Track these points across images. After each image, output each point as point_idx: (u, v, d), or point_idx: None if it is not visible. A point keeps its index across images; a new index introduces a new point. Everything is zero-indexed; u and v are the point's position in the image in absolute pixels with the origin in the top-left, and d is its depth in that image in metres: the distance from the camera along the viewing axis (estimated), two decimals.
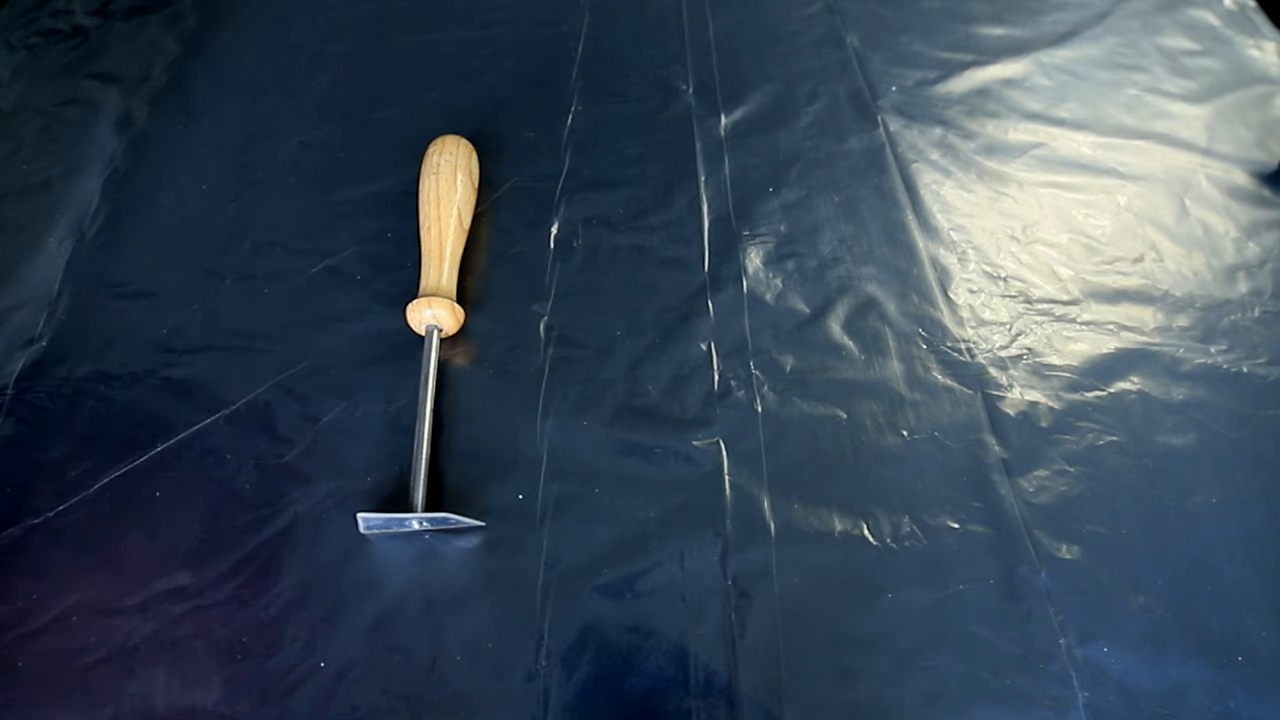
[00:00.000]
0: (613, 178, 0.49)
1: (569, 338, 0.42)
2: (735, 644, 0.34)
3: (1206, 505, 0.38)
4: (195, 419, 0.39)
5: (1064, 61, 0.57)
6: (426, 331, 0.40)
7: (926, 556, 0.36)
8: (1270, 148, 0.52)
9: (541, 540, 0.36)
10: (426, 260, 0.42)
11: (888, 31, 0.58)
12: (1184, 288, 0.45)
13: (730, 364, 0.41)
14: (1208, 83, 0.56)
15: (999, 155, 0.51)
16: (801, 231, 0.47)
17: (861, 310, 0.44)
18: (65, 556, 0.35)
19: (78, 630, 0.33)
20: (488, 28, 0.56)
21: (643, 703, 0.32)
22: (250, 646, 0.33)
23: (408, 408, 0.39)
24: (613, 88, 0.53)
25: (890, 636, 0.34)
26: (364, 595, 0.34)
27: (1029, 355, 0.42)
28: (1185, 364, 0.42)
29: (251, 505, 0.36)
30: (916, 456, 0.39)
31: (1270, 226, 0.48)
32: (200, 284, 0.43)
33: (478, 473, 0.38)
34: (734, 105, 0.53)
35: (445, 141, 0.45)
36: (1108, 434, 0.40)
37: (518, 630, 0.34)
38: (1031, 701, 0.33)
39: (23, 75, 0.53)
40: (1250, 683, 0.33)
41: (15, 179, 0.47)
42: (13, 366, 0.40)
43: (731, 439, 0.39)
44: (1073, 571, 0.36)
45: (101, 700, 0.32)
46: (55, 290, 0.43)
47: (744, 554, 0.36)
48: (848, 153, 0.51)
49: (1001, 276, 0.45)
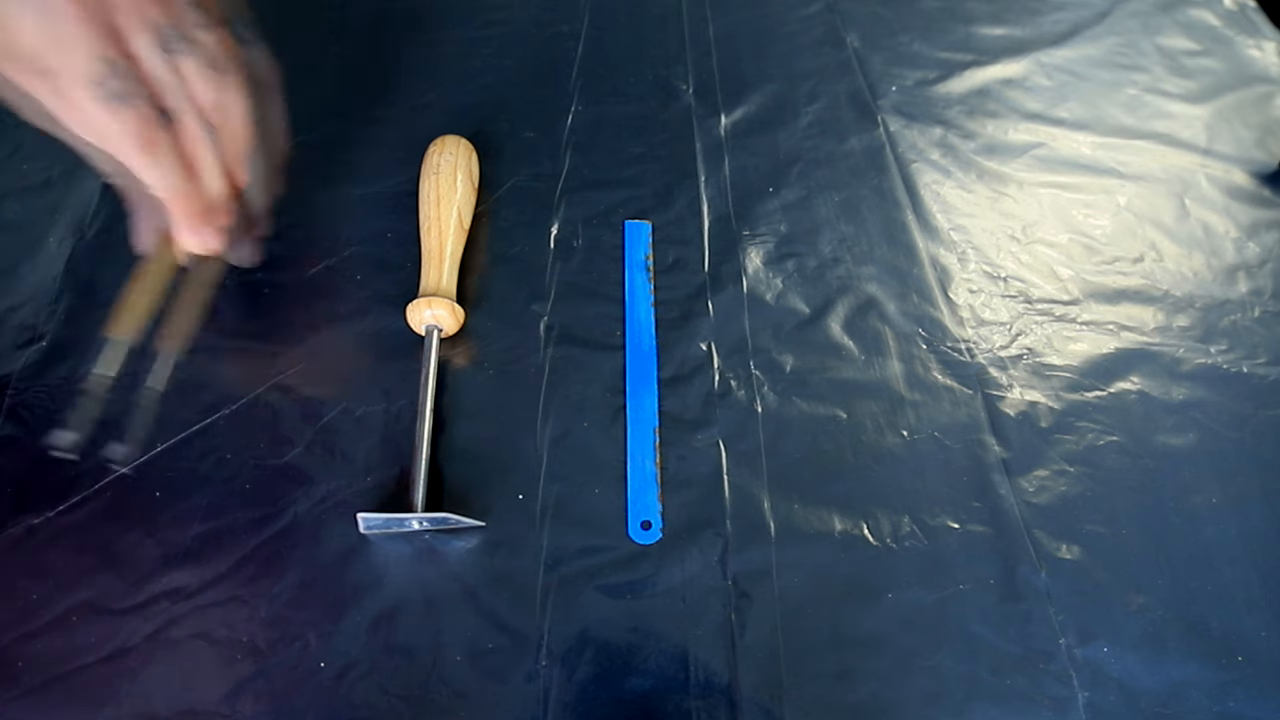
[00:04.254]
0: (613, 178, 0.49)
1: (569, 338, 0.42)
2: (735, 644, 0.34)
3: (1206, 505, 0.38)
4: (195, 419, 0.39)
5: (1064, 61, 0.57)
6: (426, 331, 0.40)
7: (926, 556, 0.36)
8: (1270, 148, 0.52)
9: (541, 540, 0.36)
10: (426, 260, 0.42)
11: (888, 31, 0.58)
12: (1184, 288, 0.45)
13: (730, 364, 0.41)
14: (1208, 83, 0.56)
15: (999, 155, 0.51)
16: (801, 231, 0.47)
17: (861, 310, 0.44)
18: (65, 556, 0.35)
19: (78, 630, 0.33)
20: (488, 28, 0.56)
21: (643, 703, 0.32)
22: (250, 646, 0.33)
23: (408, 408, 0.39)
24: (613, 88, 0.53)
25: (890, 636, 0.34)
26: (364, 595, 0.34)
27: (1029, 355, 0.42)
28: (1185, 364, 0.42)
29: (251, 505, 0.36)
30: (916, 456, 0.39)
31: (1270, 226, 0.48)
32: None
33: (478, 473, 0.38)
34: (734, 105, 0.53)
35: (445, 141, 0.45)
36: (1108, 434, 0.40)
37: (518, 630, 0.34)
38: (1031, 701, 0.33)
39: None
40: (1250, 683, 0.33)
41: (15, 179, 0.47)
42: (13, 366, 0.40)
43: (731, 439, 0.39)
44: (1073, 571, 0.36)
45: (101, 700, 0.32)
46: (55, 290, 0.43)
47: (744, 554, 0.36)
48: (848, 153, 0.51)
49: (1001, 276, 0.45)
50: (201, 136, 0.34)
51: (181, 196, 0.35)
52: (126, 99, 0.32)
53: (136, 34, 0.32)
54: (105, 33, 0.31)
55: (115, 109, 0.31)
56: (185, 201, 0.35)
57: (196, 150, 0.35)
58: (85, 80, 0.31)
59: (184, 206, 0.35)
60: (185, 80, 0.33)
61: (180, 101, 0.33)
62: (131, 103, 0.32)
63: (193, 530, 0.36)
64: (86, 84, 0.31)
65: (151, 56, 0.32)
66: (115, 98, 0.31)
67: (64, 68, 0.30)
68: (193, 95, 0.33)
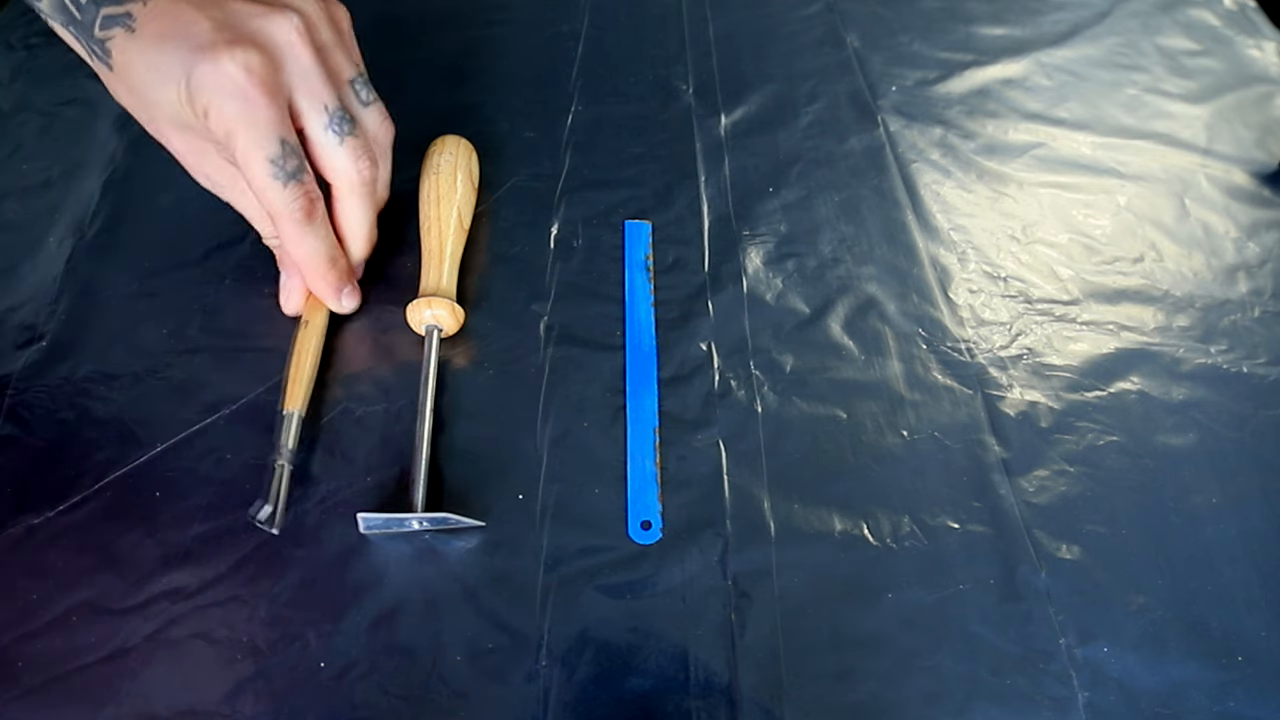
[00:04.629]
0: (613, 178, 0.49)
1: (569, 338, 0.42)
2: (735, 644, 0.34)
3: (1206, 505, 0.38)
4: (195, 419, 0.39)
5: (1064, 61, 0.57)
6: (426, 331, 0.40)
7: (926, 556, 0.36)
8: (1270, 148, 0.52)
9: (541, 540, 0.36)
10: (426, 260, 0.42)
11: (888, 31, 0.58)
12: (1184, 288, 0.45)
13: (730, 364, 0.41)
14: (1208, 83, 0.56)
15: (999, 155, 0.51)
16: (801, 231, 0.47)
17: (861, 310, 0.44)
18: (65, 556, 0.35)
19: (78, 630, 0.33)
20: (488, 28, 0.56)
21: (643, 703, 0.32)
22: (250, 646, 0.33)
23: (408, 408, 0.39)
24: (613, 88, 0.53)
25: (890, 636, 0.34)
26: (364, 595, 0.34)
27: (1029, 355, 0.42)
28: (1185, 364, 0.42)
29: (251, 505, 0.36)
30: (916, 456, 0.39)
31: (1270, 226, 0.48)
32: (200, 284, 0.43)
33: (478, 473, 0.38)
34: (734, 105, 0.53)
35: (445, 141, 0.45)
36: (1108, 434, 0.40)
37: (518, 630, 0.34)
38: (1031, 701, 0.33)
39: (23, 75, 0.53)
40: (1250, 683, 0.33)
41: (15, 179, 0.47)
42: (13, 366, 0.40)
43: (731, 439, 0.39)
44: (1073, 571, 0.36)
45: (101, 700, 0.32)
46: (55, 290, 0.43)
47: (744, 554, 0.36)
48: (848, 153, 0.51)
49: (1001, 276, 0.45)
50: (356, 211, 0.39)
51: (330, 263, 0.39)
52: (296, 175, 0.35)
53: (312, 116, 0.35)
54: (285, 115, 0.34)
55: (285, 184, 0.35)
56: (332, 268, 0.39)
57: (347, 223, 0.39)
58: (264, 159, 0.34)
59: (332, 273, 0.39)
60: (351, 156, 0.37)
61: (339, 177, 0.37)
62: (299, 179, 0.35)
63: (193, 530, 0.36)
64: (264, 162, 0.34)
65: (322, 138, 0.36)
66: (287, 176, 0.35)
67: (249, 146, 0.34)
68: (353, 171, 0.37)
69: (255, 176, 0.34)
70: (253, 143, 0.33)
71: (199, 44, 0.32)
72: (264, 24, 0.34)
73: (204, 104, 0.33)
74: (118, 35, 0.34)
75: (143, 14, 0.33)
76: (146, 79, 0.34)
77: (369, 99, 0.38)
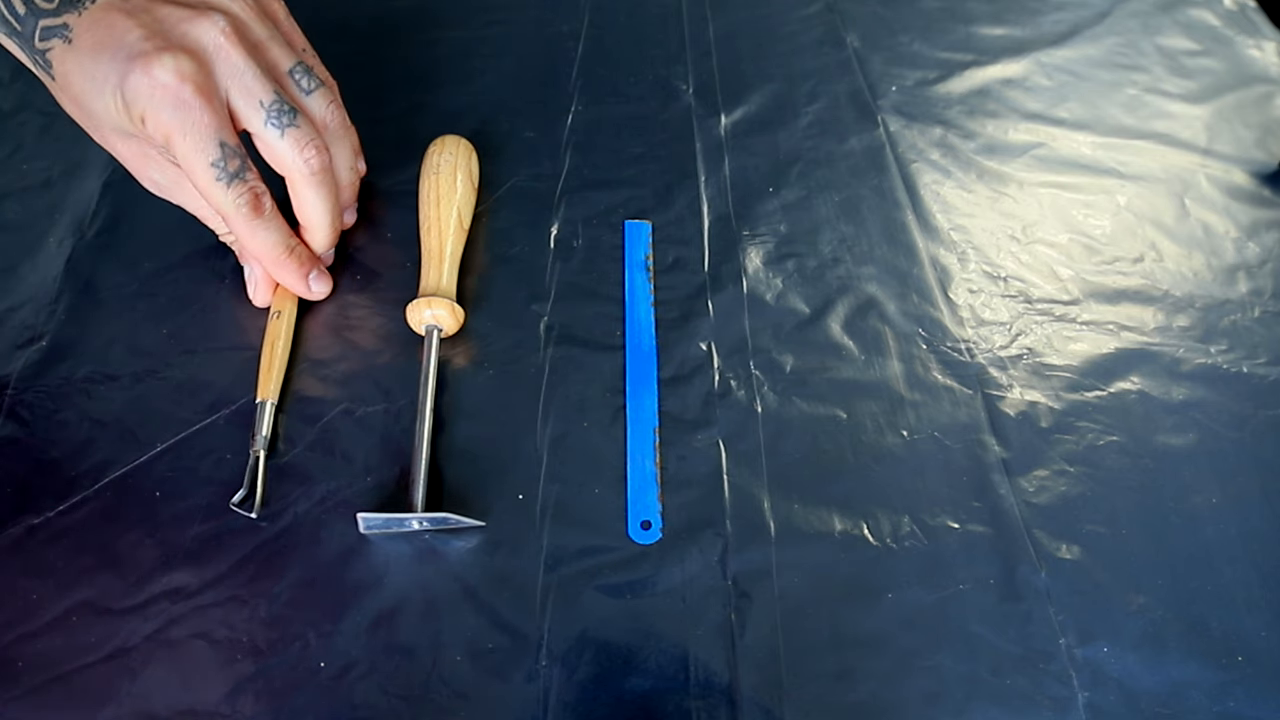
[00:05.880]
0: (613, 178, 0.49)
1: (569, 338, 0.42)
2: (735, 644, 0.34)
3: (1206, 505, 0.38)
4: (195, 419, 0.39)
5: (1064, 61, 0.57)
6: (426, 331, 0.40)
7: (926, 556, 0.36)
8: (1270, 148, 0.52)
9: (541, 540, 0.36)
10: (426, 260, 0.42)
11: (888, 31, 0.58)
12: (1184, 288, 0.45)
13: (730, 364, 0.41)
14: (1208, 83, 0.56)
15: (999, 155, 0.51)
16: (801, 231, 0.47)
17: (861, 310, 0.44)
18: (65, 556, 0.35)
19: (78, 630, 0.33)
20: (488, 28, 0.56)
21: (643, 703, 0.32)
22: (250, 646, 0.33)
23: (408, 408, 0.39)
24: (613, 88, 0.53)
25: (890, 636, 0.34)
26: (364, 595, 0.34)
27: (1029, 355, 0.42)
28: (1185, 364, 0.42)
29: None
30: (916, 456, 0.39)
31: (1270, 226, 0.48)
32: (200, 284, 0.43)
33: (478, 473, 0.38)
34: (734, 105, 0.53)
35: (445, 141, 0.45)
36: (1108, 434, 0.40)
37: (518, 630, 0.34)
38: (1031, 701, 0.33)
39: (23, 75, 0.53)
40: (1250, 683, 0.33)
41: (15, 179, 0.47)
42: (13, 366, 0.40)
43: (731, 439, 0.39)
44: (1073, 571, 0.36)
45: (101, 700, 0.32)
46: (55, 290, 0.43)
47: (744, 554, 0.36)
48: (848, 153, 0.51)
49: (1001, 276, 0.45)
50: (311, 199, 0.38)
51: (288, 252, 0.39)
52: (239, 175, 0.35)
53: (249, 113, 0.35)
54: (223, 116, 0.35)
55: (229, 185, 0.35)
56: (291, 256, 0.39)
57: (305, 212, 0.39)
58: (206, 163, 0.34)
59: (291, 261, 0.40)
60: (295, 147, 0.36)
61: (287, 169, 0.37)
62: (242, 177, 0.36)
63: (193, 530, 0.36)
64: (206, 167, 0.34)
65: (264, 132, 0.36)
66: (230, 176, 0.35)
67: (188, 152, 0.34)
68: (299, 161, 0.37)
69: (199, 180, 0.35)
70: (192, 148, 0.34)
71: (130, 53, 0.33)
72: (190, 28, 0.34)
73: (140, 112, 0.33)
74: (56, 46, 0.34)
75: (78, 24, 0.34)
76: (85, 89, 0.34)
77: (311, 86, 0.38)
